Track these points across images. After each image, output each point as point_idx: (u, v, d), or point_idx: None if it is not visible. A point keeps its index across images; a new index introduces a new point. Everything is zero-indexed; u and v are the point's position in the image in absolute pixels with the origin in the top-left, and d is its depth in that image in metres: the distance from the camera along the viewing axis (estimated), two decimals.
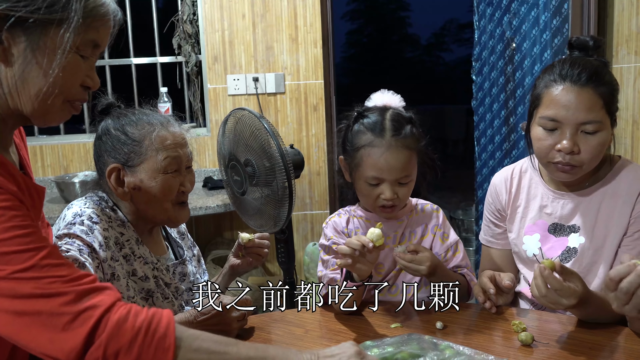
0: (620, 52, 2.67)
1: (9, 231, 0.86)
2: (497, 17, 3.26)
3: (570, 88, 1.41)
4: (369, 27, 20.16)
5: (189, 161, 1.49)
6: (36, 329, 0.85)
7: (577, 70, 1.42)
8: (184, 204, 1.49)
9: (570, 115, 1.41)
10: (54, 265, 0.88)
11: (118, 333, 0.86)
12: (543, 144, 1.46)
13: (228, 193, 2.32)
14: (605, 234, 1.50)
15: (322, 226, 1.64)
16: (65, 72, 0.96)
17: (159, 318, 0.90)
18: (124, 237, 1.43)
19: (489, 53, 3.37)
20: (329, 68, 3.38)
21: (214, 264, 3.09)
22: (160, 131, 1.43)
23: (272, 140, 2.01)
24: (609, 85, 1.43)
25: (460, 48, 19.14)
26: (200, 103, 3.55)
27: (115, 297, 0.90)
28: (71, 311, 0.85)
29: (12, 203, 0.89)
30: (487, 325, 1.39)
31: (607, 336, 1.31)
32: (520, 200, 1.65)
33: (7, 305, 0.85)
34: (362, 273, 1.37)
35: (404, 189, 1.50)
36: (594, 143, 1.41)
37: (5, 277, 0.84)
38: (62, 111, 1.02)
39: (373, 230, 1.34)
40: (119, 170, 1.42)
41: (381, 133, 1.47)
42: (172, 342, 0.89)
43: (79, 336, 0.84)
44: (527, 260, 1.62)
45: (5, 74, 0.94)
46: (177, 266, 1.56)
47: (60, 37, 0.94)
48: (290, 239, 2.46)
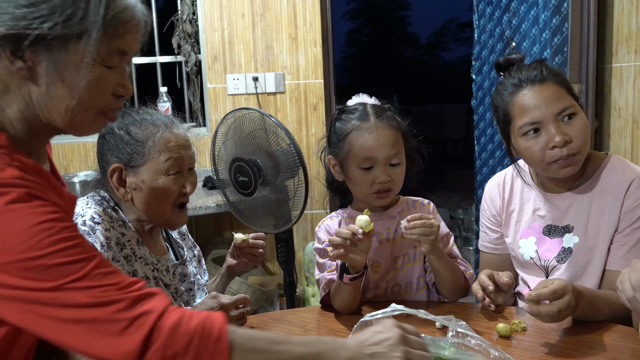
0: (620, 51, 2.66)
1: (60, 243, 0.87)
2: (496, 16, 3.26)
3: (532, 88, 1.45)
4: (368, 26, 20.19)
5: (192, 163, 1.49)
6: (91, 335, 0.86)
7: (529, 72, 1.47)
8: (183, 206, 1.49)
9: (545, 111, 1.43)
10: (105, 273, 0.89)
11: (173, 338, 0.88)
12: (535, 150, 1.46)
13: (227, 195, 2.31)
14: (597, 232, 1.50)
15: (315, 230, 1.64)
16: (92, 85, 0.94)
17: (211, 321, 0.91)
18: (125, 237, 1.43)
19: (489, 52, 3.37)
20: (329, 67, 3.38)
21: (214, 264, 3.09)
22: (164, 133, 1.42)
23: (281, 137, 2.01)
24: (560, 75, 1.49)
25: (460, 47, 19.17)
26: (200, 102, 3.55)
27: (166, 302, 0.91)
28: (126, 317, 0.87)
29: (59, 215, 0.90)
30: (487, 325, 1.39)
31: (607, 335, 1.31)
32: (514, 205, 1.65)
33: (62, 314, 0.86)
34: (356, 263, 1.38)
35: (396, 170, 1.50)
36: (578, 125, 1.44)
37: (59, 287, 0.86)
38: (95, 122, 1.00)
39: (361, 217, 1.36)
40: (121, 170, 1.42)
41: (365, 117, 1.50)
42: (226, 345, 0.90)
43: (135, 341, 0.86)
44: (525, 263, 1.62)
45: (34, 92, 0.94)
46: (177, 267, 1.56)
47: (82, 52, 0.91)
48: (290, 239, 2.46)
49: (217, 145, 2.25)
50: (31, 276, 0.85)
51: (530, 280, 1.61)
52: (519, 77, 1.48)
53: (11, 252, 0.84)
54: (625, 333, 1.31)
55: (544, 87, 1.44)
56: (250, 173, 2.10)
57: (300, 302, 3.18)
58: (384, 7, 19.83)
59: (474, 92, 3.54)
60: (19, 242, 0.85)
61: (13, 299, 0.85)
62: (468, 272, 1.56)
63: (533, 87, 1.45)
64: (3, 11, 0.88)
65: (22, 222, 0.86)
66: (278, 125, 2.03)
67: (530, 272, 1.62)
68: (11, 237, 0.85)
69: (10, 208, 0.85)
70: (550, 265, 1.57)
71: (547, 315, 1.26)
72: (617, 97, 2.71)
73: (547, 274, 1.58)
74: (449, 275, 1.49)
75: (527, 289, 1.63)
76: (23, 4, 0.88)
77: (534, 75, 1.46)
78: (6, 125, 0.95)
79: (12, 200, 0.86)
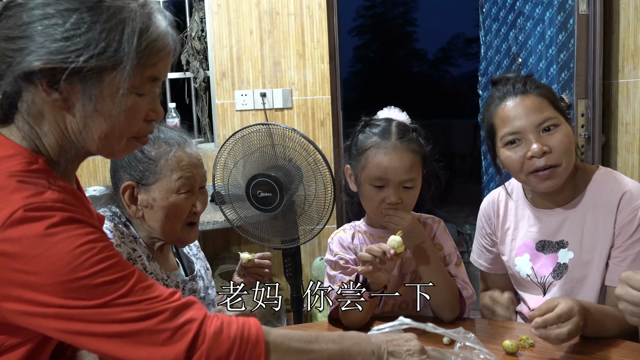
0: (627, 67, 2.67)
1: (101, 263, 0.89)
2: (503, 33, 3.28)
3: (513, 100, 1.48)
4: (375, 42, 20.28)
5: (203, 182, 1.50)
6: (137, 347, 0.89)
7: (511, 84, 1.50)
8: (193, 224, 1.50)
9: (525, 121, 1.45)
10: (145, 287, 0.92)
11: (216, 343, 0.92)
12: (515, 160, 1.47)
13: (242, 210, 2.31)
14: (592, 247, 1.49)
15: (328, 242, 1.64)
16: (125, 114, 0.97)
17: (249, 326, 0.96)
18: (136, 253, 1.44)
19: (495, 68, 3.39)
20: (336, 83, 3.40)
21: (221, 279, 3.10)
22: (177, 152, 1.43)
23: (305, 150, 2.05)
24: (545, 87, 1.51)
25: (467, 62, 19.21)
26: (208, 118, 3.58)
27: (204, 310, 0.96)
28: (170, 327, 0.90)
29: (97, 235, 0.92)
30: (494, 341, 1.39)
31: (615, 352, 1.30)
32: (509, 223, 1.65)
33: (107, 329, 0.88)
34: (380, 281, 1.38)
35: (408, 194, 1.50)
36: (559, 136, 1.44)
37: (105, 304, 0.88)
38: (128, 147, 1.03)
39: (394, 237, 1.37)
40: (133, 187, 1.43)
41: (387, 136, 1.50)
42: (262, 348, 0.94)
43: (180, 348, 0.90)
44: (522, 281, 1.61)
45: (69, 121, 0.97)
46: (187, 282, 1.57)
47: (116, 82, 0.93)
48: (298, 253, 2.47)
49: (227, 162, 2.26)
50: (75, 296, 0.87)
51: (529, 299, 1.60)
52: (504, 90, 1.50)
53: (54, 275, 0.86)
54: (633, 349, 1.31)
55: (524, 98, 1.47)
56: (276, 188, 2.11)
57: (307, 317, 3.18)
58: (391, 23, 19.94)
59: (481, 108, 3.55)
60: (62, 264, 0.87)
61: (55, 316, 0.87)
62: (466, 291, 1.52)
63: (514, 99, 1.48)
64: (40, 45, 0.90)
65: (65, 245, 0.88)
66: (304, 137, 2.07)
67: (528, 290, 1.61)
68: (54, 259, 0.87)
69: (52, 231, 0.87)
70: (547, 282, 1.56)
71: (557, 339, 1.24)
72: (624, 113, 2.71)
73: (545, 291, 1.57)
74: (437, 288, 1.45)
75: (526, 308, 1.62)
76: (59, 38, 0.90)
77: (517, 88, 1.49)
78: (42, 150, 0.99)
79: (54, 223, 0.88)
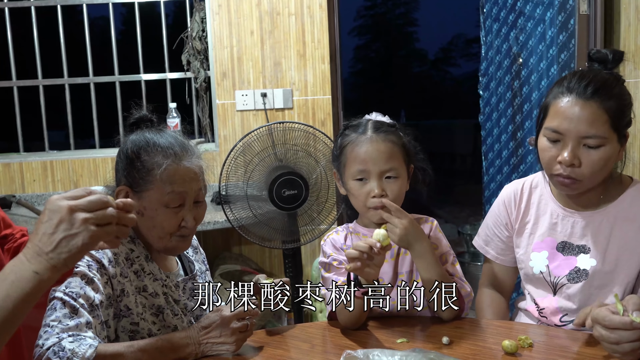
0: (627, 67, 2.67)
1: None
2: (503, 33, 3.28)
3: (575, 101, 1.41)
4: (376, 42, 20.28)
5: (199, 196, 1.45)
6: None
7: (584, 83, 1.41)
8: (184, 236, 1.45)
9: (572, 127, 1.40)
10: None
11: None
12: (546, 155, 1.46)
13: (262, 209, 2.32)
14: (617, 258, 1.48)
15: (321, 244, 1.64)
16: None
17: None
18: (134, 253, 1.44)
19: (496, 68, 3.38)
20: (337, 83, 3.40)
21: (222, 279, 3.10)
22: (171, 165, 1.39)
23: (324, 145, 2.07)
24: (618, 100, 1.42)
25: (467, 63, 19.21)
26: (209, 118, 3.58)
27: None
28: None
29: None
30: (494, 341, 1.38)
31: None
32: (529, 216, 1.62)
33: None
34: (370, 277, 1.38)
35: (392, 185, 1.49)
36: (595, 157, 1.41)
37: None
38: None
39: (378, 231, 1.37)
40: (126, 192, 1.42)
41: (364, 131, 1.53)
42: None
43: None
44: (534, 277, 1.60)
45: None
46: (186, 282, 1.57)
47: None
48: (298, 253, 2.47)
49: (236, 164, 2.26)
50: None
51: (538, 297, 1.60)
52: (574, 83, 1.43)
53: None
54: None
55: (586, 105, 1.40)
56: (302, 185, 2.12)
57: (307, 317, 3.17)
58: (391, 23, 19.94)
59: (482, 108, 3.55)
60: None
61: None
62: (464, 290, 1.51)
63: (577, 100, 1.41)
64: None
65: None
66: (325, 135, 2.09)
67: (537, 287, 1.60)
68: None
69: None
70: (560, 283, 1.54)
71: None
72: None
73: (555, 291, 1.56)
74: (437, 287, 1.42)
75: (533, 304, 1.61)
76: None
77: (584, 89, 1.41)
78: None
79: None
